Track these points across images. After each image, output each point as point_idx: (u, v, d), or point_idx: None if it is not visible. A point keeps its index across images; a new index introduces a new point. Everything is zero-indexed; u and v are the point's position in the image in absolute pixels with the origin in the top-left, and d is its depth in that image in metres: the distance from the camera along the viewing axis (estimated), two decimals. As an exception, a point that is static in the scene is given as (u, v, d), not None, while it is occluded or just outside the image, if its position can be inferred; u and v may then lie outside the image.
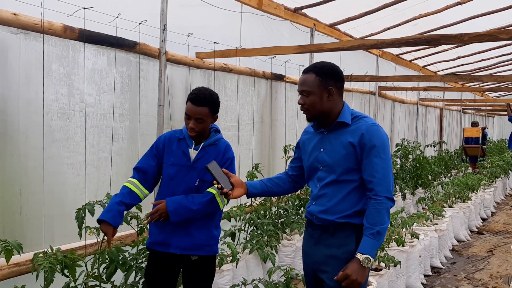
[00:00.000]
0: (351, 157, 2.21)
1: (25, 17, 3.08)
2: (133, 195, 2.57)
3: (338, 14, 6.40)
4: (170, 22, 4.01)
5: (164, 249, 2.59)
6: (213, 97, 2.60)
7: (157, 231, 2.62)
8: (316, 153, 2.32)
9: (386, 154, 2.21)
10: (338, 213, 2.24)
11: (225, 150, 2.64)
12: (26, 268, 2.96)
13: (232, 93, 5.14)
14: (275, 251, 4.13)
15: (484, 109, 16.92)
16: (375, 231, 2.12)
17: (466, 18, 7.00)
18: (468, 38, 3.49)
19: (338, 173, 2.24)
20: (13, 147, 3.12)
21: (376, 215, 2.14)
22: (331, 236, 2.25)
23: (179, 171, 2.59)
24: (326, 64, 2.30)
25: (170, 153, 2.61)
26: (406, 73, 9.51)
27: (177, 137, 2.64)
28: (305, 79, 2.26)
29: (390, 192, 2.18)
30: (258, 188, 2.47)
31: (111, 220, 2.46)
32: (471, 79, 7.41)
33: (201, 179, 2.57)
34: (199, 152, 2.59)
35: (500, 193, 10.47)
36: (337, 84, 2.27)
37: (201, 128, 2.55)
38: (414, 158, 8.64)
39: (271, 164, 5.77)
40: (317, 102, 2.23)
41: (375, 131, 2.21)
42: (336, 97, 2.27)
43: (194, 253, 2.58)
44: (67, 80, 3.40)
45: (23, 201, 3.16)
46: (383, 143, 2.21)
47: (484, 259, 5.86)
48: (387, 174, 2.18)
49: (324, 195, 2.28)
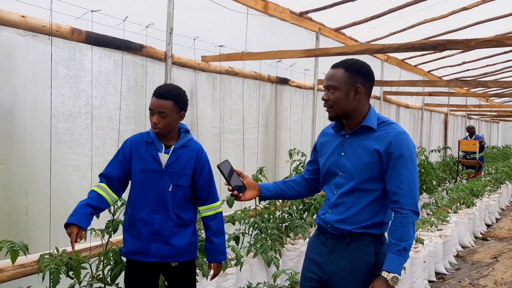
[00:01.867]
0: (375, 166, 2.07)
1: (33, 19, 3.10)
2: (100, 199, 2.43)
3: (344, 18, 6.41)
4: (176, 25, 4.03)
5: (143, 257, 2.45)
6: (179, 91, 2.45)
7: (131, 240, 2.46)
8: (336, 157, 2.18)
9: (414, 165, 2.07)
10: (355, 223, 2.11)
11: (198, 152, 2.49)
12: (31, 269, 2.97)
13: (237, 96, 5.14)
14: (279, 255, 4.13)
15: (489, 114, 16.86)
16: (402, 247, 1.99)
17: (472, 24, 7.00)
18: (474, 43, 3.48)
19: (358, 181, 2.10)
20: (20, 148, 3.14)
21: (402, 230, 2.01)
22: (347, 246, 2.13)
23: (150, 177, 2.43)
24: (357, 61, 2.16)
25: (138, 159, 2.45)
26: (411, 78, 9.51)
27: (144, 140, 2.47)
28: (333, 74, 2.12)
29: (416, 205, 2.05)
30: (272, 191, 2.35)
31: (77, 222, 2.30)
32: (476, 84, 7.40)
33: (175, 184, 2.43)
34: (171, 156, 2.43)
35: (505, 199, 10.42)
36: (366, 83, 2.13)
37: (164, 123, 2.37)
38: (419, 163, 8.61)
39: (275, 168, 5.77)
40: (342, 99, 2.09)
41: (403, 140, 2.07)
42: (363, 98, 2.12)
43: (174, 260, 2.48)
44: (73, 82, 3.42)
45: (29, 202, 3.17)
46: (411, 153, 2.07)
47: (488, 266, 5.83)
48: (414, 187, 2.05)
49: (342, 203, 2.15)
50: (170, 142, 2.47)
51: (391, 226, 2.05)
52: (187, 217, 2.50)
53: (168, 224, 2.43)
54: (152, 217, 2.42)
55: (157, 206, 2.42)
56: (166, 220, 2.43)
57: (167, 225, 2.43)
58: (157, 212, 2.42)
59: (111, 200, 2.48)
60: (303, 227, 4.57)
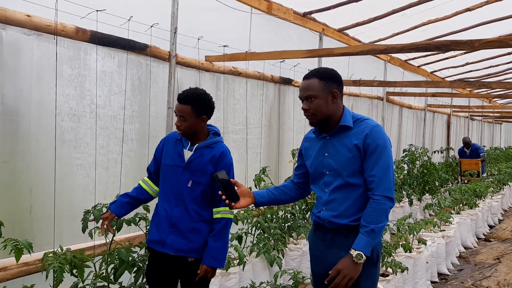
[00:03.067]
0: (356, 160, 2.23)
1: (38, 18, 3.11)
2: (141, 190, 2.73)
3: (347, 19, 6.41)
4: (180, 25, 4.04)
5: (160, 248, 2.58)
6: (198, 96, 2.56)
7: (154, 228, 2.63)
8: (321, 158, 2.33)
9: (388, 154, 2.23)
10: (350, 216, 2.26)
11: (221, 155, 2.59)
12: (35, 267, 2.98)
13: (241, 96, 5.15)
14: (282, 255, 4.13)
15: (492, 115, 16.83)
16: (370, 229, 2.14)
17: (476, 25, 6.99)
18: (478, 44, 3.48)
19: (344, 176, 2.25)
20: (24, 147, 3.15)
21: (372, 214, 2.16)
22: (345, 238, 2.26)
23: (173, 172, 2.59)
24: (327, 69, 2.34)
25: (167, 154, 2.64)
26: (414, 78, 9.49)
27: (175, 137, 2.66)
28: (309, 84, 2.27)
29: (389, 191, 2.19)
30: (265, 197, 2.48)
31: (112, 209, 2.67)
32: (479, 85, 7.39)
33: (194, 180, 2.55)
34: (194, 154, 2.57)
35: (508, 200, 10.40)
36: (339, 87, 2.30)
37: (185, 126, 2.53)
38: (421, 164, 8.61)
39: (278, 168, 5.77)
40: (322, 106, 2.25)
41: (378, 132, 2.23)
42: (339, 101, 2.30)
43: (190, 255, 2.56)
44: (78, 81, 3.43)
45: (33, 201, 3.18)
46: (385, 143, 2.23)
47: (491, 267, 5.82)
48: (387, 174, 2.20)
49: (334, 200, 2.29)
50: (197, 141, 2.61)
51: (365, 210, 2.20)
52: (207, 215, 2.60)
53: (186, 218, 2.55)
54: (172, 210, 2.57)
55: (175, 200, 2.57)
56: (184, 215, 2.55)
57: (185, 220, 2.55)
58: (176, 206, 2.56)
59: (152, 191, 2.73)
60: (305, 227, 4.57)
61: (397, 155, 9.48)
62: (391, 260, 3.97)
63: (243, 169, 5.05)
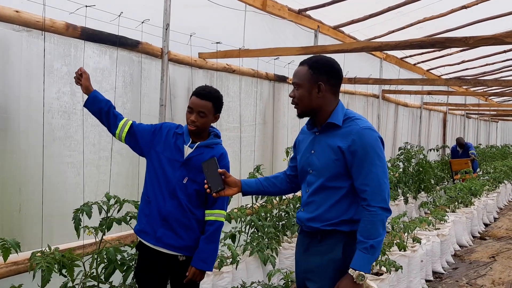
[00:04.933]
0: (340, 163, 2.06)
1: (27, 14, 3.06)
2: (120, 117, 2.64)
3: (342, 16, 6.38)
4: (173, 21, 3.99)
5: (150, 240, 2.52)
6: (218, 94, 2.60)
7: (144, 219, 2.56)
8: (307, 155, 2.20)
9: (381, 160, 2.04)
10: (325, 221, 2.11)
11: (220, 156, 2.56)
12: (24, 267, 2.94)
13: (235, 94, 5.11)
14: (276, 254, 4.11)
15: (488, 114, 16.85)
16: (369, 245, 1.97)
17: (471, 22, 6.97)
18: (473, 41, 3.46)
19: (325, 178, 2.10)
20: (13, 145, 3.10)
21: (370, 228, 1.99)
22: (319, 243, 2.14)
23: (169, 165, 2.53)
24: (322, 58, 2.16)
25: (165, 143, 2.57)
26: (410, 76, 9.49)
27: (175, 131, 2.61)
28: (298, 71, 2.15)
29: (385, 201, 2.02)
30: (253, 187, 2.39)
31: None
32: (475, 83, 7.39)
33: (190, 178, 2.51)
34: (194, 151, 2.53)
35: (504, 198, 10.40)
36: (330, 80, 2.12)
37: (202, 122, 2.51)
38: (417, 162, 8.60)
39: (272, 166, 5.74)
40: (305, 96, 2.11)
41: (367, 135, 2.04)
42: (328, 95, 2.12)
43: (182, 252, 2.52)
44: (68, 78, 3.38)
45: (22, 199, 3.14)
46: (376, 148, 2.03)
47: (486, 265, 5.81)
48: (382, 183, 2.02)
49: (312, 202, 2.17)
50: (198, 140, 2.58)
51: (361, 223, 2.03)
52: (199, 213, 2.56)
53: (178, 214, 2.51)
54: (165, 203, 2.51)
55: (169, 193, 2.51)
56: (177, 210, 2.51)
57: (178, 215, 2.50)
58: (170, 199, 2.51)
59: (119, 129, 2.62)
60: (300, 226, 4.55)
61: (392, 153, 9.47)
62: (385, 258, 3.95)
63: (237, 167, 5.02)
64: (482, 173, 10.60)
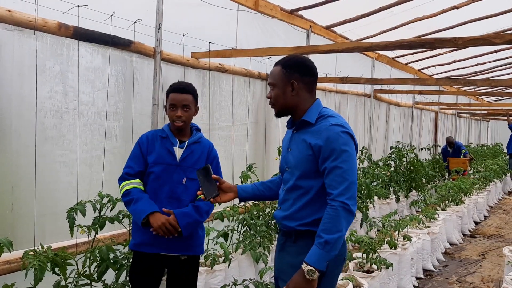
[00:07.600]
0: (312, 160, 2.05)
1: (20, 14, 3.06)
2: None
3: (335, 16, 6.42)
4: (165, 21, 4.00)
5: (152, 249, 2.52)
6: (194, 86, 2.65)
7: (141, 231, 2.51)
8: (285, 153, 2.22)
9: (349, 157, 2.00)
10: (298, 220, 2.09)
11: (209, 149, 2.64)
12: (17, 265, 2.94)
13: (227, 93, 5.13)
14: (268, 252, 4.13)
15: (479, 113, 17.00)
16: (323, 240, 1.92)
17: (462, 23, 7.05)
18: (462, 42, 3.50)
19: (298, 176, 2.09)
20: (5, 144, 3.10)
21: (328, 222, 1.94)
22: (293, 243, 2.12)
23: (164, 170, 2.53)
24: (295, 56, 2.19)
25: (153, 152, 2.55)
26: (402, 76, 9.55)
27: (159, 135, 2.59)
28: (272, 71, 2.16)
29: (350, 198, 1.97)
30: (249, 192, 2.38)
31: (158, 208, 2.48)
32: (466, 83, 7.45)
33: (188, 177, 2.53)
34: (185, 150, 2.55)
35: (494, 197, 10.51)
36: (303, 78, 2.12)
37: (187, 116, 2.54)
38: (408, 161, 8.67)
39: (265, 165, 5.77)
40: (279, 96, 2.12)
41: (335, 133, 2.01)
42: (303, 93, 2.12)
43: (183, 253, 2.54)
44: (61, 78, 3.38)
45: (15, 198, 3.14)
46: (342, 146, 2.00)
47: (476, 263, 5.88)
48: (347, 179, 1.97)
49: (287, 200, 2.16)
50: (183, 138, 2.60)
51: (322, 218, 1.99)
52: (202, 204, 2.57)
53: None
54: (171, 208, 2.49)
55: (170, 198, 2.51)
56: None
57: None
58: (170, 205, 2.50)
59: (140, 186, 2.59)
60: (292, 224, 4.57)
61: (384, 152, 9.53)
62: (376, 256, 4.00)
63: (230, 166, 5.04)
64: (473, 172, 10.69)
